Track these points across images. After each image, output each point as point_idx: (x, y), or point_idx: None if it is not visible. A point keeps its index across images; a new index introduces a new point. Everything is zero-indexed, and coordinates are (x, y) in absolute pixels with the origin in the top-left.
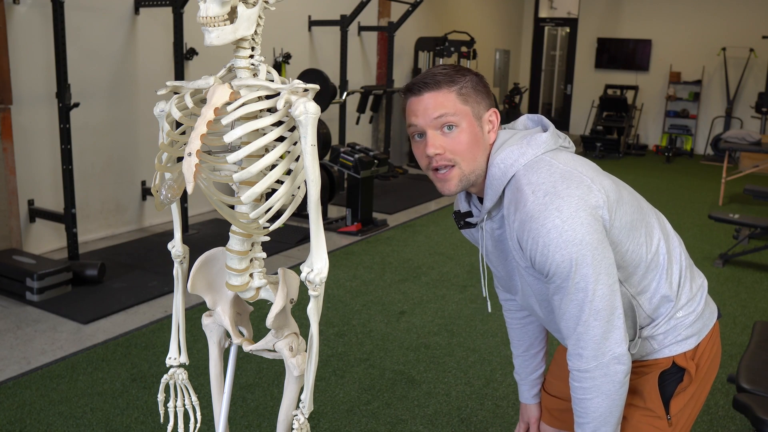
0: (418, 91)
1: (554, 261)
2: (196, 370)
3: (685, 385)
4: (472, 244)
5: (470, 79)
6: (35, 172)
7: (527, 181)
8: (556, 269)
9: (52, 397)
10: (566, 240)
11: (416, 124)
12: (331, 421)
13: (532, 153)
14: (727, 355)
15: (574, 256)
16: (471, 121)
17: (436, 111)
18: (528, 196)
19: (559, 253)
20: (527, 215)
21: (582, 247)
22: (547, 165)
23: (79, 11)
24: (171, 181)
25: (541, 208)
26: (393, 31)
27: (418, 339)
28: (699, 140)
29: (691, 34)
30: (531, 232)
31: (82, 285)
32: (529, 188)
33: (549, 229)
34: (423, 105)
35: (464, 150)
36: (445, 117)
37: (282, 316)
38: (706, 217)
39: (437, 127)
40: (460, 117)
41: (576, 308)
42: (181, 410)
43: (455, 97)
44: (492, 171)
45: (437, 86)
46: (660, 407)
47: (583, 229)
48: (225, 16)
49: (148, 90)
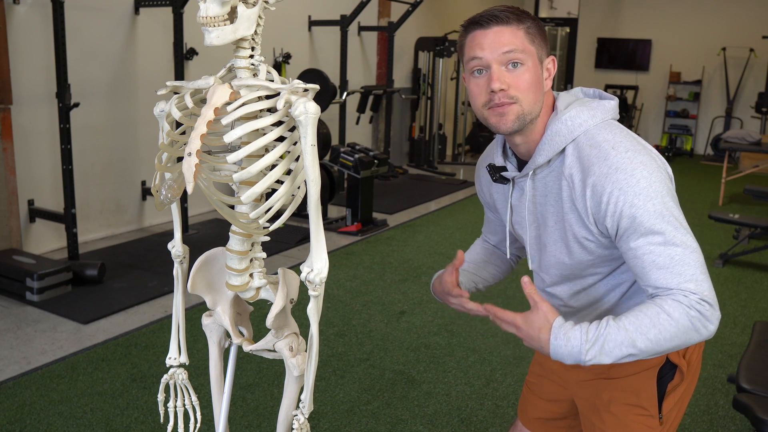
0: (487, 23)
1: (646, 211)
2: (196, 370)
3: (677, 383)
4: (470, 245)
5: (535, 22)
6: (35, 172)
7: (603, 138)
8: (645, 218)
9: (52, 397)
10: (656, 191)
11: (482, 57)
12: (331, 421)
13: (601, 116)
14: (727, 355)
15: (664, 208)
16: (535, 62)
17: (506, 46)
18: (609, 151)
19: (651, 202)
20: (611, 167)
21: (669, 201)
22: (618, 128)
23: (79, 11)
24: (171, 181)
25: (627, 161)
26: (393, 31)
27: (418, 339)
28: (699, 140)
29: (691, 34)
30: (617, 182)
31: (82, 285)
32: (608, 144)
33: (638, 179)
34: (491, 39)
35: (527, 89)
36: (514, 53)
37: (282, 316)
38: (706, 217)
39: (504, 63)
40: (527, 55)
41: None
42: (181, 410)
43: (524, 35)
44: (556, 127)
45: (507, 21)
46: (654, 406)
47: (665, 188)
48: (225, 16)
49: (148, 90)
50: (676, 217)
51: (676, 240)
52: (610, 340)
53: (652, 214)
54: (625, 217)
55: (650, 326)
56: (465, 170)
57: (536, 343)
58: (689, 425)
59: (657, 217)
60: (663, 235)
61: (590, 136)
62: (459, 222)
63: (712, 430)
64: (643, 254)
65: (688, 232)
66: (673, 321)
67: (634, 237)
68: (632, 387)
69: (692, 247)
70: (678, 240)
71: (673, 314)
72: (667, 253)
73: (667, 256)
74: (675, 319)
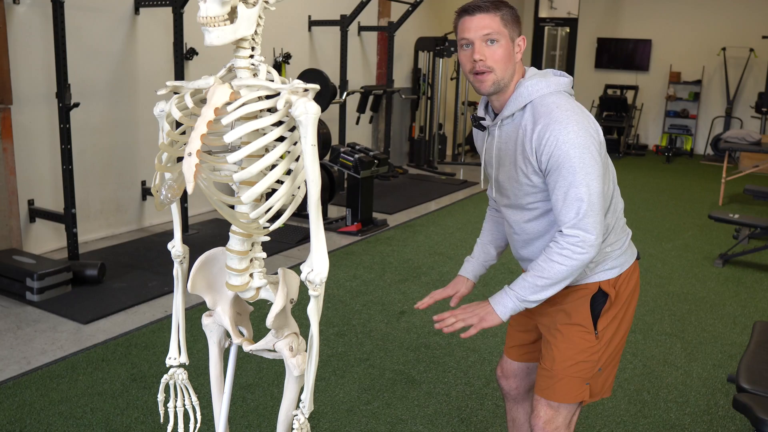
0: (472, 11)
1: (567, 155)
2: (196, 370)
3: (608, 308)
4: (470, 245)
5: (509, 10)
6: (35, 172)
7: (553, 101)
8: (563, 162)
9: (52, 397)
10: (580, 142)
11: (467, 37)
12: (331, 421)
13: (554, 87)
14: (727, 355)
15: (583, 155)
16: (507, 41)
17: (485, 29)
18: (554, 109)
19: (574, 149)
20: (552, 120)
21: (590, 152)
22: (566, 97)
23: (79, 11)
24: (171, 181)
25: (565, 117)
26: (393, 31)
27: (418, 339)
28: (699, 140)
29: (691, 34)
30: (553, 132)
31: (82, 285)
32: (555, 105)
33: (569, 131)
34: (474, 23)
35: (500, 60)
36: (491, 34)
37: (282, 316)
38: (706, 217)
39: (483, 41)
40: (501, 36)
41: (576, 198)
42: (181, 410)
43: (499, 20)
44: (520, 90)
45: (487, 10)
46: (589, 323)
47: (590, 142)
48: (225, 16)
49: (148, 90)
50: (591, 165)
51: (582, 182)
52: (524, 290)
53: (571, 158)
54: (553, 156)
55: (544, 272)
56: (465, 170)
57: (489, 317)
58: (689, 425)
59: (575, 161)
60: (573, 176)
61: (543, 98)
62: (459, 222)
63: (712, 430)
64: (554, 189)
65: (597, 178)
66: (556, 263)
67: (555, 173)
68: (572, 310)
69: (593, 190)
70: (583, 182)
71: (555, 258)
72: (572, 193)
73: (571, 195)
74: (557, 261)
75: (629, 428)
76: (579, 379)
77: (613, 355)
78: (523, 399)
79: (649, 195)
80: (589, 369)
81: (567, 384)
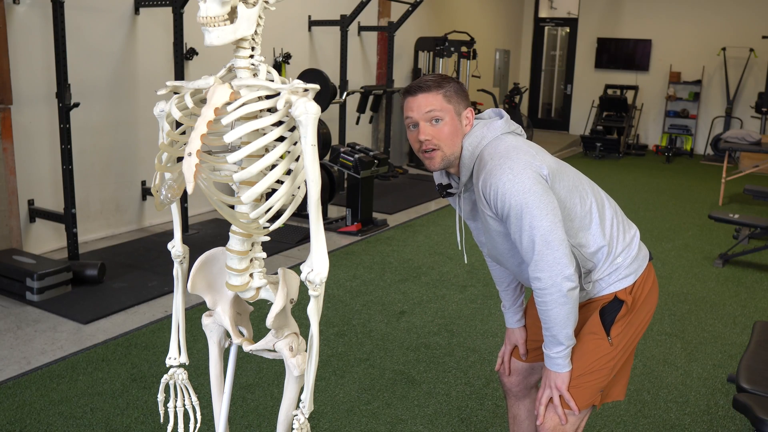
0: (414, 92)
1: (509, 205)
2: (196, 370)
3: (623, 314)
4: (470, 245)
5: (453, 85)
6: (35, 172)
7: (487, 152)
8: (510, 211)
9: (52, 397)
10: (517, 189)
11: (412, 117)
12: (331, 421)
13: (490, 135)
14: (727, 355)
15: (523, 200)
16: (453, 117)
17: (427, 108)
18: (488, 162)
19: (513, 198)
20: (488, 173)
21: (530, 194)
22: (502, 142)
23: (79, 11)
24: (171, 181)
25: (497, 166)
26: (393, 31)
27: (418, 339)
28: (699, 140)
29: (691, 34)
30: (492, 186)
31: (82, 285)
32: (489, 156)
33: (504, 181)
34: (417, 103)
35: (446, 138)
36: (433, 112)
37: (282, 316)
38: (706, 217)
39: (427, 120)
40: (444, 113)
41: (530, 241)
42: (181, 410)
43: (441, 98)
44: (463, 152)
45: (428, 89)
46: (601, 330)
47: (529, 181)
48: (225, 16)
49: (148, 90)
50: (534, 206)
51: (527, 226)
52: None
53: (513, 207)
54: (499, 206)
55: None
56: None
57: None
58: (689, 425)
59: (517, 208)
60: (521, 222)
61: (482, 152)
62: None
63: (712, 430)
64: (512, 234)
65: (545, 216)
66: (548, 310)
67: (507, 221)
68: (585, 321)
69: (545, 229)
70: (529, 226)
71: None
72: (525, 237)
73: (525, 238)
74: (548, 308)
75: (629, 428)
76: (593, 389)
77: (626, 357)
78: (525, 395)
79: (649, 195)
80: (605, 377)
81: (580, 393)
